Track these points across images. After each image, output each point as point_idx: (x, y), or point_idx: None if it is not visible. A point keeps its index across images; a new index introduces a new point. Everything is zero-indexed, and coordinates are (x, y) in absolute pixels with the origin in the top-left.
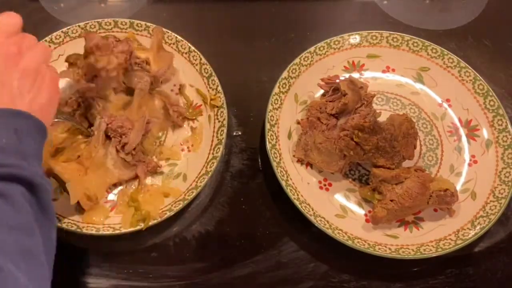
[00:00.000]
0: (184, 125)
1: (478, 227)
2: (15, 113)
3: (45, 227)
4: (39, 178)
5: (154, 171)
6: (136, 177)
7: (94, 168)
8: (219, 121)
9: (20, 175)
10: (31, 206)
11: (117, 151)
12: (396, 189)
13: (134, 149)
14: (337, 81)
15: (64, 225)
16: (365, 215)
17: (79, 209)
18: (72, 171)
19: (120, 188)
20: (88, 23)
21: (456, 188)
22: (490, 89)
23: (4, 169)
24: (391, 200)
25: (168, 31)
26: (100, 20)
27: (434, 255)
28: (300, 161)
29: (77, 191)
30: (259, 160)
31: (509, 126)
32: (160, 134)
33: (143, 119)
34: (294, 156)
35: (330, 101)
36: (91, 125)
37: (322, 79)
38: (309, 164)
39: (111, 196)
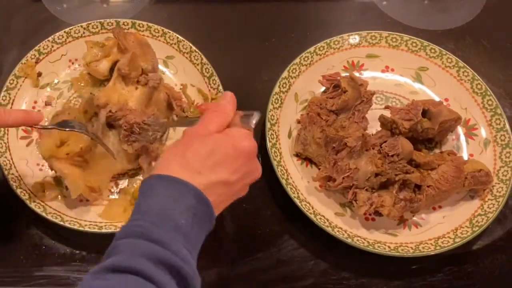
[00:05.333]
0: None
1: (476, 226)
2: (204, 201)
3: None
4: (194, 278)
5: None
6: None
7: (96, 159)
8: None
9: (182, 272)
10: None
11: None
12: (432, 175)
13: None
14: (338, 78)
15: (66, 224)
16: (364, 213)
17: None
18: (73, 166)
19: (122, 186)
20: (90, 23)
21: (489, 168)
22: (488, 88)
23: (173, 258)
24: (428, 186)
25: (169, 31)
26: (102, 20)
27: (432, 253)
28: (298, 155)
29: (77, 185)
30: (260, 159)
31: (507, 125)
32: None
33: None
34: (294, 152)
35: (330, 98)
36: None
37: (323, 76)
38: (309, 163)
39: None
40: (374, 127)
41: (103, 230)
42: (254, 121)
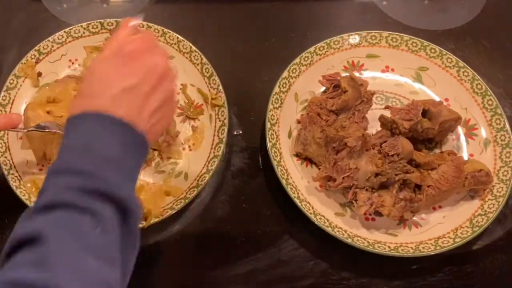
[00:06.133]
0: (186, 124)
1: (476, 226)
2: (130, 129)
3: (126, 257)
4: (133, 203)
5: None
6: None
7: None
8: (220, 120)
9: (116, 196)
10: (118, 233)
11: None
12: (432, 175)
13: None
14: (338, 78)
15: None
16: (364, 213)
17: None
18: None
19: None
20: (90, 23)
21: (489, 168)
22: (488, 88)
23: (103, 186)
24: (428, 186)
25: (169, 31)
26: (102, 20)
27: (432, 253)
28: (298, 155)
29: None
30: (260, 159)
31: (507, 125)
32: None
33: None
34: (294, 152)
35: (330, 98)
36: None
37: (323, 76)
38: (309, 163)
39: None
40: (374, 127)
41: None
42: (133, 22)
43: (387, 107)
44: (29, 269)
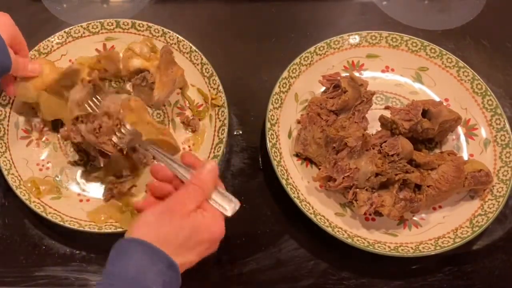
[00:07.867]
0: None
1: (476, 226)
2: (172, 265)
3: None
4: None
5: None
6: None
7: None
8: (220, 121)
9: None
10: None
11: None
12: (432, 175)
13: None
14: (338, 78)
15: (66, 224)
16: (365, 213)
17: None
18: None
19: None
20: (90, 23)
21: (489, 168)
22: (488, 88)
23: None
24: (428, 186)
25: (169, 31)
26: (102, 20)
27: (433, 253)
28: (298, 155)
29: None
30: (260, 159)
31: (507, 125)
32: None
33: None
34: (294, 152)
35: (330, 98)
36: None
37: (323, 76)
38: (309, 163)
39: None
40: (374, 127)
41: (103, 230)
42: (230, 212)
43: (387, 107)
44: None
